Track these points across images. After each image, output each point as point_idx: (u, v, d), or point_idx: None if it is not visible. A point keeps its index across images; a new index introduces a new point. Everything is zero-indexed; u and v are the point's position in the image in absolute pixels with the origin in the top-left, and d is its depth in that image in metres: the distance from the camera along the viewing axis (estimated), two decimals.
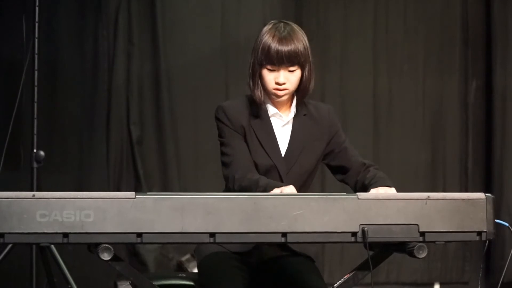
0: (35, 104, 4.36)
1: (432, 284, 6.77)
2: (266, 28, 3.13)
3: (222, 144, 3.16)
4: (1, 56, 5.77)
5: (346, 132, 3.21)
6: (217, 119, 3.18)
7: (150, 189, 6.03)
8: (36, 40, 4.37)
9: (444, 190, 6.59)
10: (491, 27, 6.83)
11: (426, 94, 6.78)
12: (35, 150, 4.31)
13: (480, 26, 6.88)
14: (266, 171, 3.11)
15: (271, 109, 3.17)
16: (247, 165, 3.07)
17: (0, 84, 5.77)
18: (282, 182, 3.07)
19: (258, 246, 3.10)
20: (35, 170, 4.30)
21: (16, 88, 4.45)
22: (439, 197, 2.66)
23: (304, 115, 3.20)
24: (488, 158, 6.87)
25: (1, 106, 5.52)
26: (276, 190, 2.84)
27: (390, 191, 2.95)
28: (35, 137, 4.34)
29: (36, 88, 4.37)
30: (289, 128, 3.18)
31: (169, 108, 6.19)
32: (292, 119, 3.18)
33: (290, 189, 2.87)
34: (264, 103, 3.16)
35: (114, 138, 6.17)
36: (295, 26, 3.14)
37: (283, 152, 3.15)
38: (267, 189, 2.88)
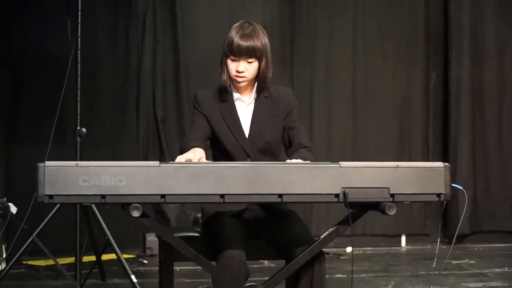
0: (78, 91, 4.34)
1: (400, 236, 6.79)
2: (234, 26, 3.11)
3: (191, 121, 3.18)
4: (50, 52, 5.78)
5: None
6: (192, 104, 3.18)
7: (172, 159, 5.98)
8: (79, 38, 4.34)
9: (410, 159, 6.59)
10: (448, 29, 6.84)
11: (395, 83, 6.78)
12: (78, 128, 4.30)
13: (440, 28, 6.89)
14: (233, 146, 3.08)
15: (235, 95, 3.14)
16: (195, 135, 3.05)
17: (49, 75, 5.79)
18: (247, 154, 3.06)
19: (249, 207, 3.07)
20: (78, 144, 4.29)
21: (62, 78, 4.43)
22: (406, 165, 2.64)
23: (265, 97, 3.16)
24: (445, 134, 6.88)
25: (51, 92, 5.53)
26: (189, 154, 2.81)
27: (297, 161, 2.86)
28: (78, 117, 4.32)
29: (79, 78, 4.35)
30: (251, 109, 3.14)
31: (187, 94, 6.18)
32: (254, 102, 3.14)
33: (194, 152, 2.83)
34: (230, 89, 3.14)
35: (142, 119, 6.17)
36: (257, 26, 3.10)
37: (246, 130, 3.11)
38: (183, 151, 2.87)
